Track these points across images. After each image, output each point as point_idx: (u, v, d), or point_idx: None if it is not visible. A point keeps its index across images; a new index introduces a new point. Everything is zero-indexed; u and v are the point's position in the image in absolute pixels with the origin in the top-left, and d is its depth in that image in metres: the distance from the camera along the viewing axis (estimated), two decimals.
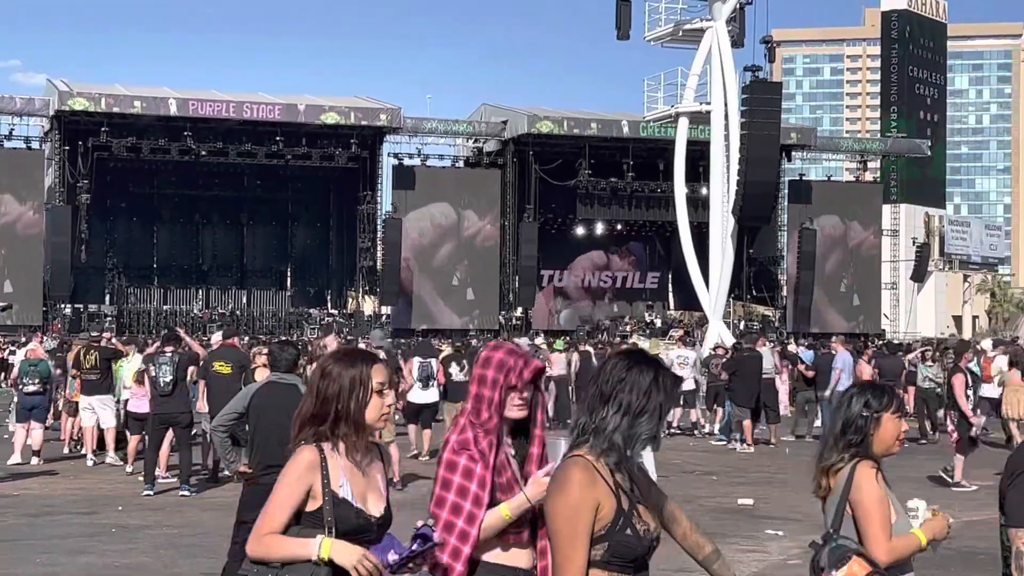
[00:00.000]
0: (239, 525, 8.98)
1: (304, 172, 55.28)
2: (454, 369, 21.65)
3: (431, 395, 20.84)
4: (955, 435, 18.47)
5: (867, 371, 25.41)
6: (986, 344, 28.40)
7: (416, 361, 21.16)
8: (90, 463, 19.54)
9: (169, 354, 17.01)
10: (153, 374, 16.97)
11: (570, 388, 28.09)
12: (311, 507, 4.34)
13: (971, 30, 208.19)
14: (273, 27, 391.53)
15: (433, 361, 21.65)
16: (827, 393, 24.11)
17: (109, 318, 49.90)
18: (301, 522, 4.34)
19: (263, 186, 57.49)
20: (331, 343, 22.29)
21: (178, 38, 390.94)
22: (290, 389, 9.25)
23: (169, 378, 16.68)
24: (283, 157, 51.90)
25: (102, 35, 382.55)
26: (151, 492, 16.28)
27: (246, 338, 32.94)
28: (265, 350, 18.61)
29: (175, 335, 18.99)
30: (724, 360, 25.79)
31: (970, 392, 18.98)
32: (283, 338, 35.30)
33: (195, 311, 53.50)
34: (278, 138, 51.11)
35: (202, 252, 58.32)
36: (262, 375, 18.16)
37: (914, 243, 68.54)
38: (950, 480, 18.19)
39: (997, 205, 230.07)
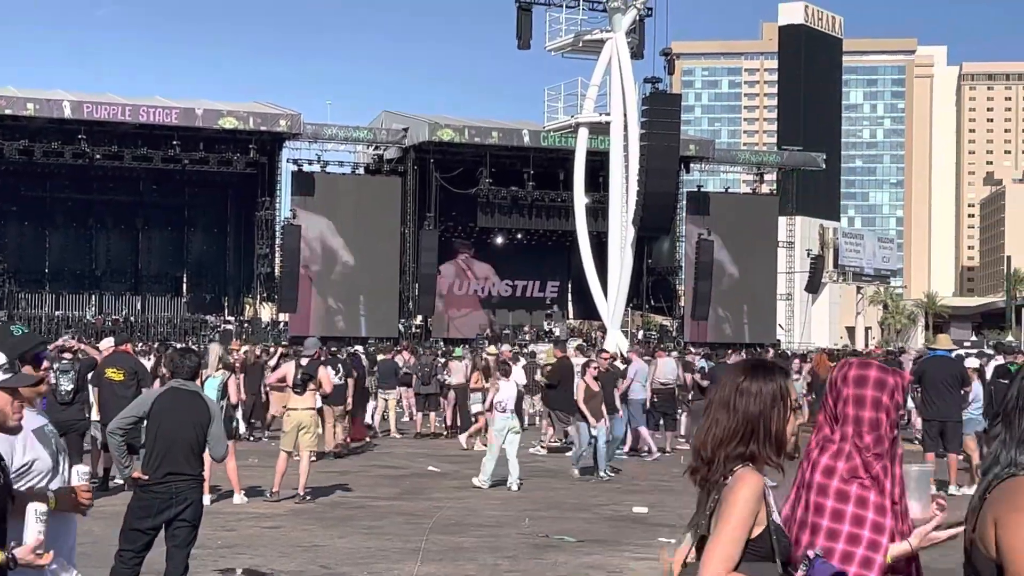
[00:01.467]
0: (126, 532, 8.84)
1: (201, 177, 54.71)
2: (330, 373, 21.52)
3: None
4: None
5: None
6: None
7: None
8: None
9: (69, 360, 16.67)
10: (53, 381, 16.59)
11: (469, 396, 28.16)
12: (752, 535, 4.04)
13: (866, 45, 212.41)
14: (172, 31, 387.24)
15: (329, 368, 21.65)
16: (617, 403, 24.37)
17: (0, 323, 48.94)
18: (744, 553, 4.02)
19: (159, 191, 56.79)
20: (213, 349, 22.13)
21: (73, 40, 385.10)
22: (192, 396, 9.16)
23: (70, 386, 16.33)
24: (180, 162, 51.30)
25: None
26: None
27: (140, 344, 32.51)
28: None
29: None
30: (548, 369, 25.43)
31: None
32: (183, 345, 34.95)
33: (88, 317, 52.64)
34: (175, 142, 50.52)
35: (96, 257, 57.41)
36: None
37: (809, 255, 69.52)
38: None
39: (890, 218, 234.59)
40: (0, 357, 4.66)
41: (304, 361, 17.34)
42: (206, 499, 15.64)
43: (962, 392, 18.90)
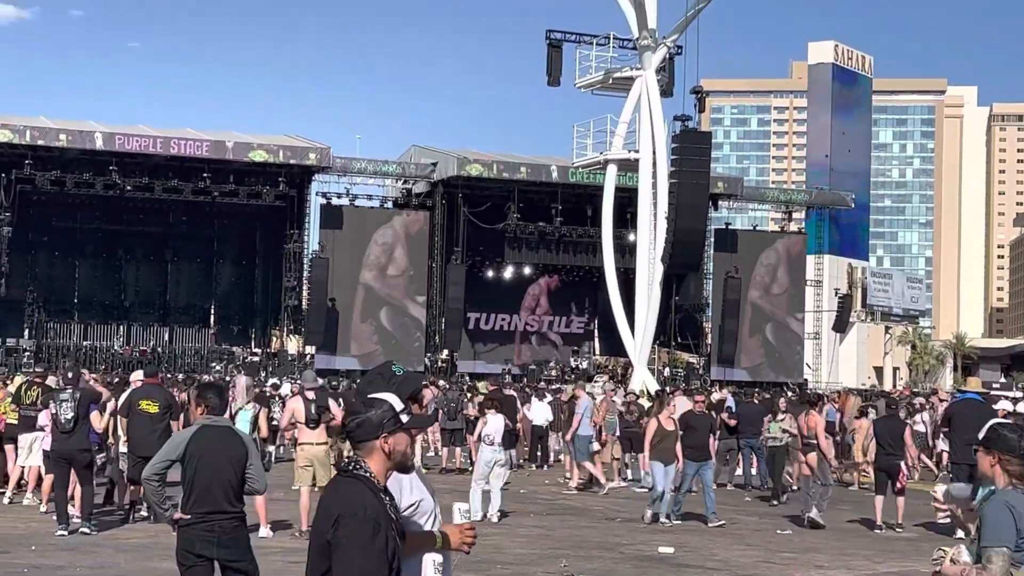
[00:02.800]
0: (186, 569, 8.76)
1: (231, 209, 54.93)
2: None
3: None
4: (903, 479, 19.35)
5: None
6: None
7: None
8: (6, 501, 19.16)
9: (70, 391, 16.74)
10: (54, 411, 16.70)
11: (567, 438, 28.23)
12: None
13: (896, 85, 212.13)
14: (203, 63, 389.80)
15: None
16: (568, 437, 24.75)
17: (28, 352, 49.17)
18: None
19: (189, 222, 57.05)
20: (241, 382, 22.15)
21: (105, 72, 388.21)
22: (226, 432, 9.07)
23: (70, 415, 16.37)
24: (210, 194, 51.55)
25: (28, 67, 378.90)
26: (64, 532, 15.96)
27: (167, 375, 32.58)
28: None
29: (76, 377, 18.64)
30: (481, 401, 25.51)
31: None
32: (209, 379, 35.04)
33: (116, 347, 52.84)
34: (205, 175, 50.78)
35: (125, 288, 57.64)
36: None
37: (836, 294, 69.31)
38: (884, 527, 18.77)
39: (919, 258, 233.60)
40: (396, 401, 4.86)
41: (311, 395, 17.16)
42: (263, 532, 15.67)
43: None
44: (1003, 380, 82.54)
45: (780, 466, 23.11)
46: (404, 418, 4.82)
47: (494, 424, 19.55)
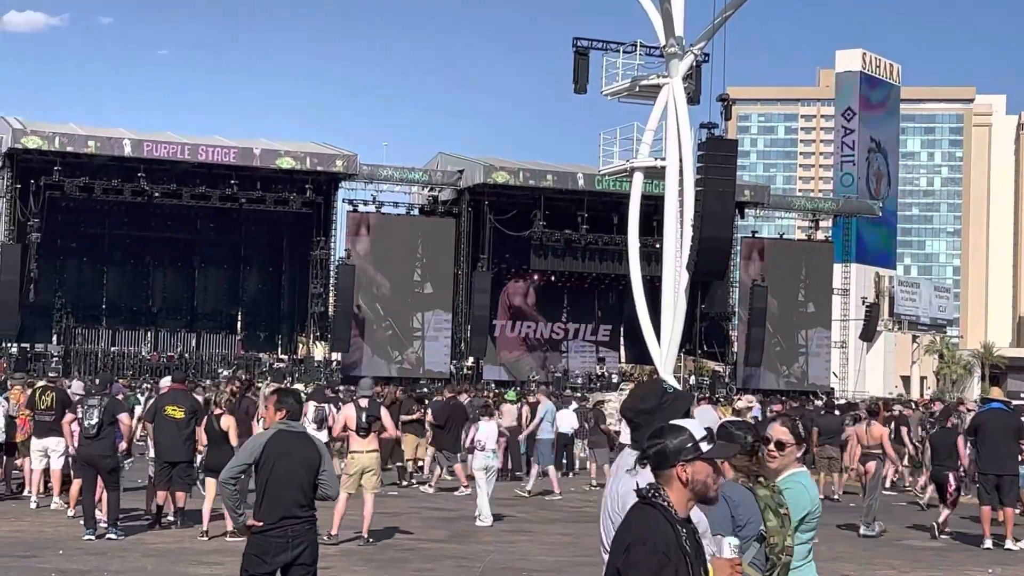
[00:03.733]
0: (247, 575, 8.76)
1: (258, 216, 55.13)
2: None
3: (323, 437, 21.00)
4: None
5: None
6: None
7: (312, 405, 22.83)
8: (33, 505, 19.23)
9: (98, 398, 16.83)
10: (80, 416, 16.81)
11: (520, 439, 28.17)
12: None
13: (924, 93, 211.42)
14: (230, 70, 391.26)
15: (327, 406, 23.48)
16: (521, 437, 25.16)
17: (56, 358, 49.43)
18: None
19: (216, 229, 57.28)
20: (265, 390, 22.32)
21: (134, 79, 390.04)
22: (301, 438, 9.06)
23: (95, 420, 16.46)
24: (237, 200, 51.76)
25: (57, 74, 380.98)
26: (92, 536, 16.03)
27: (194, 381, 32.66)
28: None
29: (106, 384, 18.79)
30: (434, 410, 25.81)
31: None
32: (285, 385, 35.15)
33: (143, 353, 53.08)
34: (232, 181, 51.00)
35: (152, 294, 57.89)
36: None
37: (864, 303, 69.13)
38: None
39: (947, 267, 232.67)
40: (696, 428, 4.67)
41: (364, 403, 17.15)
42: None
43: (1020, 445, 18.70)
44: None
45: None
46: (704, 447, 4.63)
47: (486, 431, 19.99)
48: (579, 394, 40.72)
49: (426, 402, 27.80)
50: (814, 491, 6.79)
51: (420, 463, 26.59)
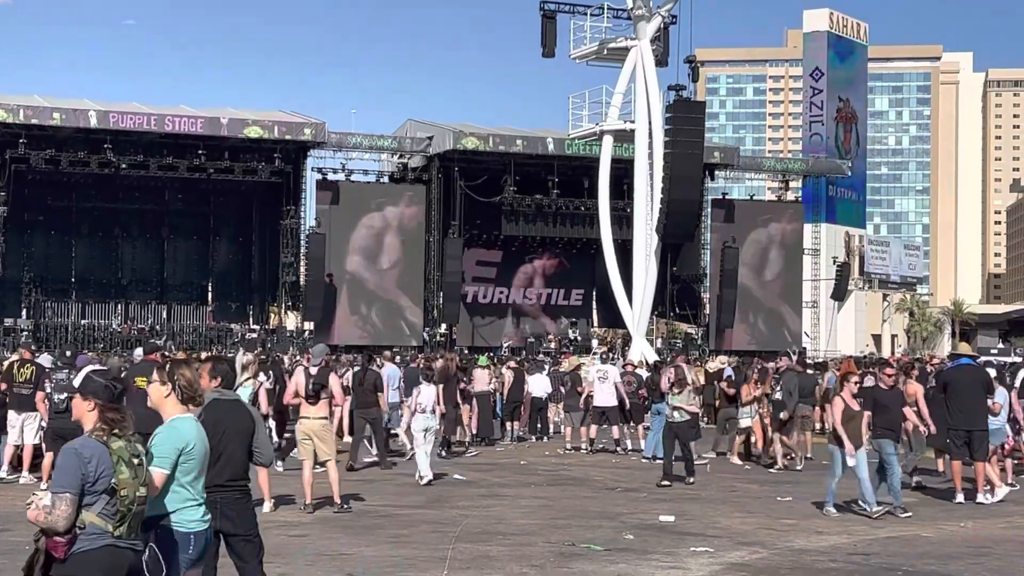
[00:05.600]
0: (228, 537, 8.79)
1: (226, 186, 54.81)
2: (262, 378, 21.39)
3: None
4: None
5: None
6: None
7: None
8: (4, 475, 19.19)
9: (66, 372, 16.88)
10: (48, 391, 16.84)
11: (494, 404, 28.30)
12: None
13: (891, 52, 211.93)
14: (196, 40, 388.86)
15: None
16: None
17: (25, 332, 49.15)
18: None
19: (184, 200, 56.93)
20: (239, 358, 22.18)
21: (99, 49, 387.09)
22: (234, 405, 9.11)
23: (63, 395, 16.51)
24: (205, 171, 51.43)
25: (21, 46, 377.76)
26: None
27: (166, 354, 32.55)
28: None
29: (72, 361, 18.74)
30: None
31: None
32: (215, 353, 35.05)
33: (114, 325, 52.82)
34: (200, 152, 50.64)
35: (122, 266, 57.55)
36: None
37: (834, 262, 69.39)
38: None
39: (916, 225, 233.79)
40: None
41: (313, 370, 17.21)
42: (266, 507, 15.74)
43: (989, 399, 18.83)
44: (1001, 346, 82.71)
45: (686, 444, 21.15)
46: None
47: (426, 394, 20.66)
48: (551, 359, 40.72)
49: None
50: (189, 432, 7.43)
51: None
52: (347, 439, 24.45)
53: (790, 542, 14.62)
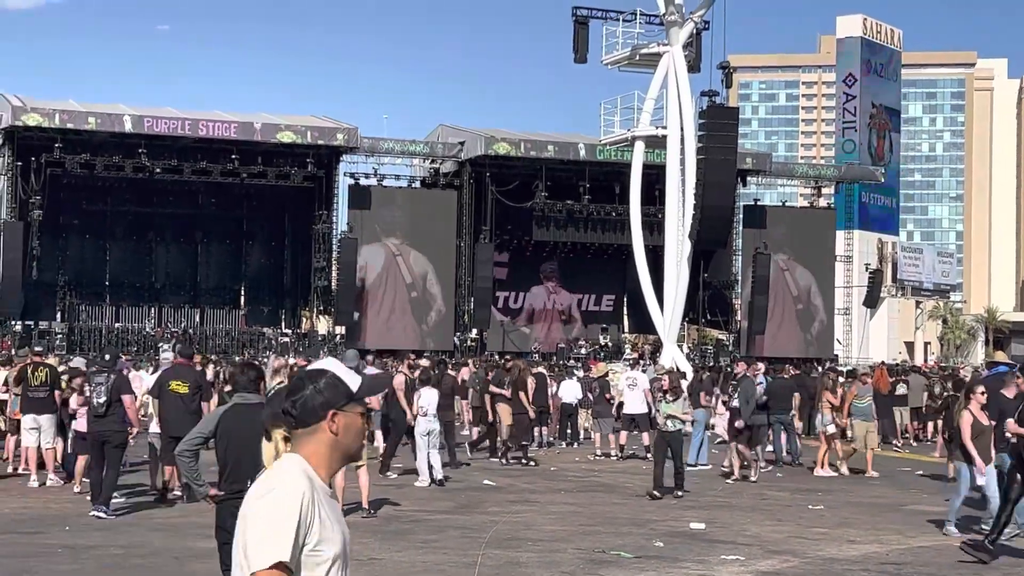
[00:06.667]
0: (221, 547, 8.86)
1: (259, 190, 55.03)
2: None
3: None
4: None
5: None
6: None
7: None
8: (34, 483, 19.22)
9: (105, 375, 16.88)
10: (88, 394, 16.87)
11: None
12: None
13: (925, 58, 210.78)
14: (230, 45, 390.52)
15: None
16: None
17: (60, 335, 49.47)
18: None
19: (217, 204, 57.18)
20: (270, 362, 22.29)
21: (134, 55, 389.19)
22: (257, 410, 9.13)
23: (103, 399, 16.54)
24: (238, 175, 51.67)
25: (56, 51, 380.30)
26: (101, 514, 16.08)
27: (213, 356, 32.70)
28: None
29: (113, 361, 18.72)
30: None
31: None
32: (243, 359, 35.18)
33: (147, 329, 53.08)
34: (233, 156, 50.88)
35: (155, 270, 57.85)
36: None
37: (867, 269, 69.08)
38: None
39: (949, 232, 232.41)
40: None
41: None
42: None
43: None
44: None
45: (678, 455, 20.27)
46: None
47: (428, 397, 20.81)
48: (582, 364, 40.66)
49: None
50: None
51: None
52: (377, 443, 24.46)
53: (821, 551, 14.56)
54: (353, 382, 3.88)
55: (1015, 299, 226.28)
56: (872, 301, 68.38)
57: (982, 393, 16.04)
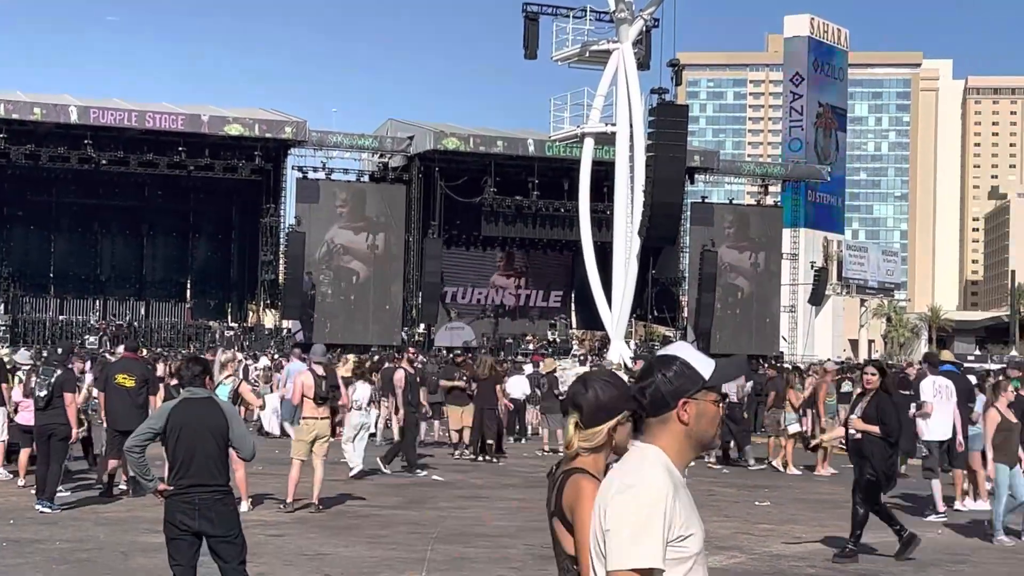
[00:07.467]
0: (169, 541, 8.78)
1: (206, 183, 54.67)
2: None
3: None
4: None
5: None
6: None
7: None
8: None
9: (50, 369, 16.71)
10: (32, 386, 16.71)
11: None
12: None
13: (871, 58, 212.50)
14: (178, 37, 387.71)
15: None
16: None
17: (3, 327, 48.94)
18: None
19: (164, 196, 56.80)
20: (217, 356, 22.19)
21: (82, 46, 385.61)
22: (206, 403, 9.09)
23: (43, 392, 16.35)
24: (185, 168, 51.31)
25: (2, 40, 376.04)
26: (45, 508, 15.92)
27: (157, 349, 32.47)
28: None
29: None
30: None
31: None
32: (188, 354, 34.93)
33: (92, 321, 52.62)
34: (180, 148, 50.52)
35: (100, 262, 57.38)
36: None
37: (812, 267, 69.56)
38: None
39: (894, 231, 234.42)
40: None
41: (319, 370, 17.10)
42: (244, 506, 15.59)
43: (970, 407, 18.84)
44: (977, 352, 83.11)
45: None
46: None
47: (362, 391, 21.11)
48: (530, 360, 40.71)
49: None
50: None
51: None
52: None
53: (768, 547, 14.65)
54: (705, 367, 3.79)
55: (958, 298, 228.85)
56: (817, 299, 68.88)
57: (1012, 391, 15.45)
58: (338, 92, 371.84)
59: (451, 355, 31.50)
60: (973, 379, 21.22)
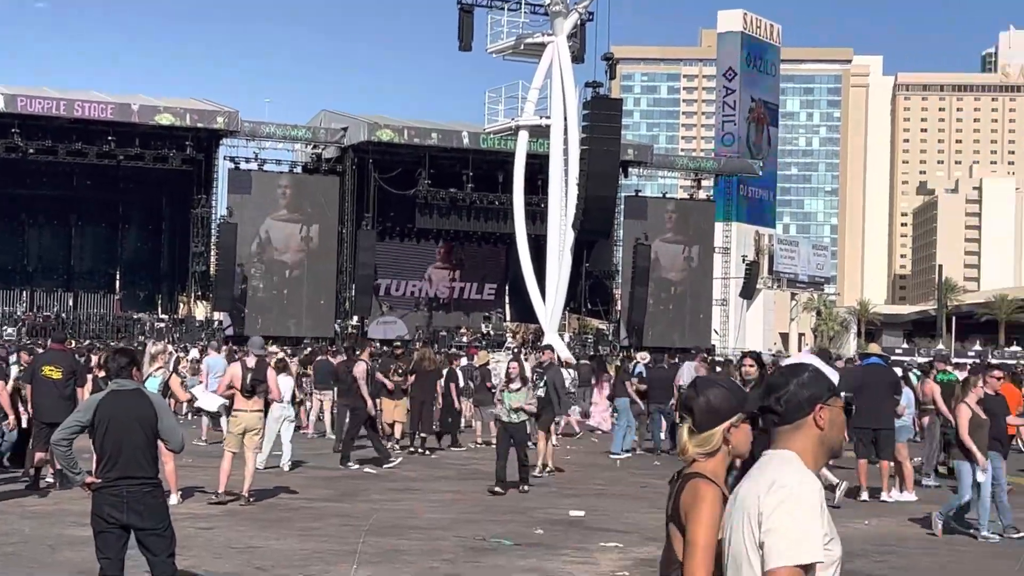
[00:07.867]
0: (95, 538, 8.66)
1: (136, 173, 54.13)
2: None
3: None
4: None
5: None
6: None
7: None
8: None
9: None
10: None
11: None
12: None
13: (803, 54, 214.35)
14: (109, 25, 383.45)
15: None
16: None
17: None
18: None
19: (93, 186, 56.16)
20: (148, 348, 21.99)
21: (9, 33, 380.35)
22: (133, 395, 8.97)
23: None
24: (115, 157, 50.78)
25: None
26: None
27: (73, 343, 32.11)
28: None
29: None
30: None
31: None
32: (117, 345, 34.57)
33: (19, 313, 51.95)
34: (110, 138, 50.02)
35: (27, 252, 56.67)
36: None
37: (744, 261, 70.08)
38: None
39: (824, 226, 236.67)
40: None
41: (250, 362, 16.97)
42: (173, 499, 15.42)
43: (896, 399, 19.04)
44: (905, 346, 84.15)
45: (519, 445, 19.09)
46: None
47: (283, 384, 20.76)
48: (464, 353, 40.65)
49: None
50: None
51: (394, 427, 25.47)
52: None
53: None
54: (833, 375, 3.87)
55: (887, 292, 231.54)
56: (749, 292, 69.45)
57: (981, 387, 15.33)
58: (271, 83, 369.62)
59: (391, 348, 31.32)
60: (899, 371, 21.48)
